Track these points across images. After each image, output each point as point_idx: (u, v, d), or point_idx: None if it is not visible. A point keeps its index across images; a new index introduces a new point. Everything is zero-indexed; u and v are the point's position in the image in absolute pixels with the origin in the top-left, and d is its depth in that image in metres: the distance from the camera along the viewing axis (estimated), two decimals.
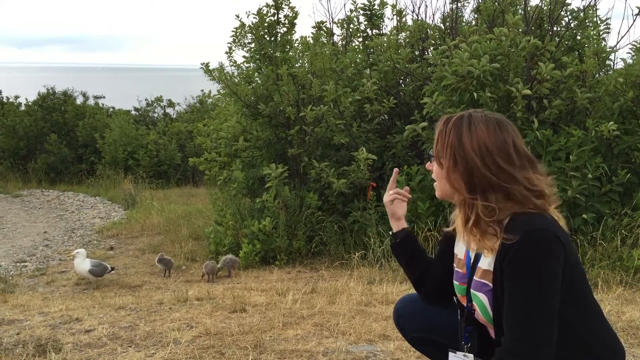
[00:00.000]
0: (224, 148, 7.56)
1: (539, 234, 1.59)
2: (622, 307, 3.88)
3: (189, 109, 19.03)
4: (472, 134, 1.71)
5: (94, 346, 3.42)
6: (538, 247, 1.58)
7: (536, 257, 1.58)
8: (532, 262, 1.58)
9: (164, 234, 8.62)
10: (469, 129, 1.72)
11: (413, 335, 2.15)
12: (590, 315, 1.71)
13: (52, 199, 12.75)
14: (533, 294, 1.58)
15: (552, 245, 1.59)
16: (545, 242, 1.59)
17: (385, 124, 7.08)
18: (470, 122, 1.74)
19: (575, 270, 1.66)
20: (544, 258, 1.58)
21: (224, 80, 7.30)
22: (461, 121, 1.75)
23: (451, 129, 1.75)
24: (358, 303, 4.19)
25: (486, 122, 1.73)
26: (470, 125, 1.73)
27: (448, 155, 1.74)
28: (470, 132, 1.72)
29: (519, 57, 5.54)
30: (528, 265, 1.59)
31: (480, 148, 1.69)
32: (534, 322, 1.57)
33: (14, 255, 7.80)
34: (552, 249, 1.59)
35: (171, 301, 4.56)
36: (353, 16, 8.00)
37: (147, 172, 14.43)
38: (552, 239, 1.59)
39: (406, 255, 2.18)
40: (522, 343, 1.58)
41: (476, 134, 1.71)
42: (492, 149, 1.69)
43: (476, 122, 1.73)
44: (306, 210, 6.36)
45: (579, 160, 5.06)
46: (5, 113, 16.22)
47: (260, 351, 3.23)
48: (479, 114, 1.77)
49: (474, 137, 1.70)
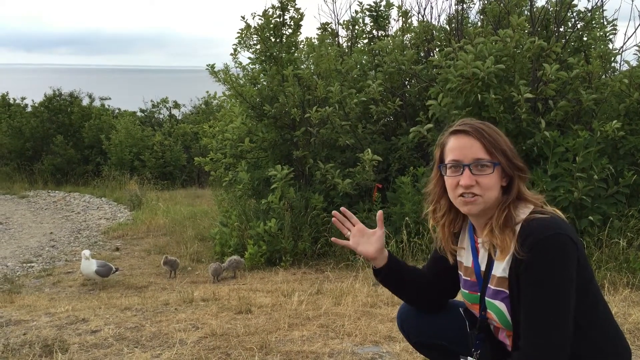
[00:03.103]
0: (230, 149, 7.57)
1: (554, 239, 1.60)
2: (629, 309, 3.86)
3: (195, 110, 19.07)
4: (503, 137, 1.78)
5: (100, 347, 3.43)
6: (555, 253, 1.59)
7: (553, 263, 1.59)
8: (549, 269, 1.59)
9: (170, 235, 8.64)
10: (499, 133, 1.79)
11: (417, 340, 2.15)
12: (597, 313, 1.70)
13: (58, 200, 12.79)
14: (550, 299, 1.59)
15: (568, 248, 1.60)
16: (561, 247, 1.60)
17: (390, 125, 7.08)
18: (491, 127, 1.79)
19: (584, 269, 1.66)
20: (560, 263, 1.59)
21: (230, 82, 7.31)
22: (486, 126, 1.78)
23: (490, 133, 1.77)
24: (364, 304, 4.19)
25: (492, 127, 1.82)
26: (496, 129, 1.79)
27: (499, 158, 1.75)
28: (502, 136, 1.78)
29: (524, 58, 5.53)
30: (545, 272, 1.60)
31: (512, 149, 1.77)
32: (551, 327, 1.58)
33: (21, 256, 7.83)
34: (568, 253, 1.60)
35: (177, 302, 4.57)
36: (358, 17, 8.01)
37: (152, 173, 14.47)
38: (567, 243, 1.60)
39: (392, 285, 2.11)
40: (540, 347, 1.59)
41: (504, 137, 1.78)
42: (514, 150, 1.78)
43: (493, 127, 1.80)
44: (311, 212, 6.36)
45: (585, 161, 5.05)
46: (12, 114, 16.29)
47: (266, 352, 3.23)
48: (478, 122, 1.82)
49: (506, 140, 1.78)
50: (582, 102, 5.29)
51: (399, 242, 5.67)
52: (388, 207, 6.09)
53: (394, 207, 6.01)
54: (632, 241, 4.91)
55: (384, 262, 2.05)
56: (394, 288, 2.10)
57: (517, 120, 5.32)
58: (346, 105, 6.63)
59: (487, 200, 1.74)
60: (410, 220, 5.66)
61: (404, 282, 2.06)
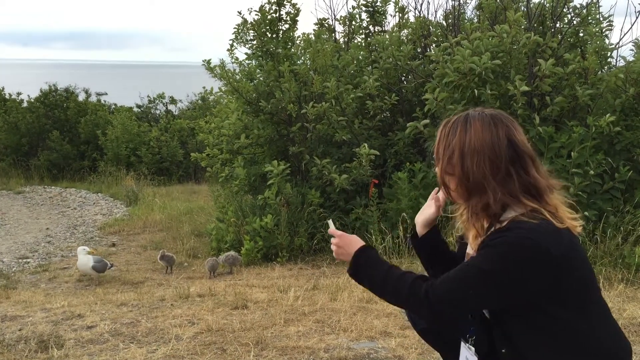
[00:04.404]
0: (226, 145, 7.56)
1: (523, 240, 1.59)
2: (624, 305, 3.88)
3: (191, 105, 19.04)
4: (468, 134, 1.72)
5: (96, 342, 3.43)
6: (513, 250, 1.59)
7: (504, 255, 1.60)
8: (496, 256, 1.61)
9: (166, 231, 8.64)
10: (465, 129, 1.73)
11: (423, 327, 2.16)
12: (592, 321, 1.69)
13: (54, 196, 12.77)
14: (472, 276, 1.64)
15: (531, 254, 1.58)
16: (523, 250, 1.59)
17: (387, 121, 7.08)
18: (466, 121, 1.74)
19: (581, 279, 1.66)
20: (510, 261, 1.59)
21: (226, 77, 7.30)
22: (457, 123, 1.76)
23: (449, 132, 1.76)
24: (359, 300, 4.20)
25: (482, 119, 1.74)
26: (466, 125, 1.74)
27: (447, 158, 1.74)
28: (467, 133, 1.72)
29: (520, 54, 5.53)
30: (490, 256, 1.62)
31: (475, 147, 1.70)
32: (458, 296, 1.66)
33: (16, 252, 7.82)
34: (527, 259, 1.59)
35: (173, 298, 4.57)
36: (355, 13, 7.99)
37: (149, 169, 14.45)
38: (534, 250, 1.58)
39: (423, 255, 2.13)
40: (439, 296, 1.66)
41: (471, 133, 1.71)
42: (486, 147, 1.69)
43: (472, 120, 1.74)
44: (308, 207, 6.36)
45: (580, 157, 5.05)
46: (8, 110, 16.24)
47: (262, 347, 3.24)
48: (476, 111, 1.78)
49: (469, 137, 1.71)
50: (578, 98, 5.30)
51: (395, 237, 5.68)
52: (384, 203, 6.10)
53: (390, 203, 6.02)
54: (627, 237, 4.92)
55: (423, 233, 2.09)
56: (424, 259, 2.14)
57: (514, 116, 5.31)
58: (343, 101, 6.62)
59: (454, 196, 1.80)
60: (407, 216, 5.67)
61: (436, 257, 2.08)
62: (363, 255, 1.88)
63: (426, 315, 1.76)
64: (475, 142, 1.69)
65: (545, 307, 1.63)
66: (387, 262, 1.84)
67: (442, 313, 1.71)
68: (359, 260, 1.87)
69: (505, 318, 1.72)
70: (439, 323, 1.99)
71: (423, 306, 1.69)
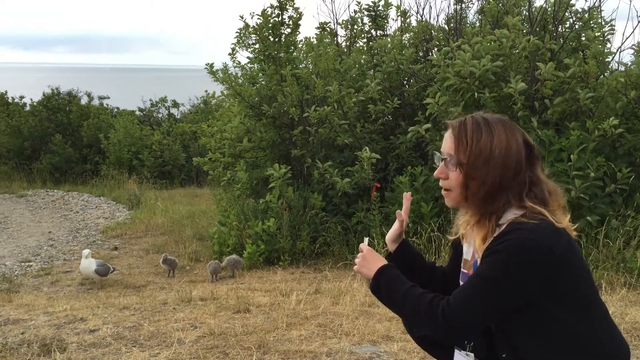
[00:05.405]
0: (228, 149, 7.58)
1: (521, 242, 1.60)
2: (626, 309, 3.88)
3: (193, 109, 19.07)
4: (494, 139, 1.70)
5: (98, 346, 3.44)
6: (514, 253, 1.60)
7: (508, 259, 1.60)
8: (500, 261, 1.61)
9: (168, 234, 8.64)
10: (491, 133, 1.71)
11: (420, 335, 2.16)
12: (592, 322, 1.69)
13: (56, 199, 12.79)
14: (487, 287, 1.62)
15: (533, 255, 1.59)
16: (524, 251, 1.59)
17: (389, 124, 7.09)
18: (488, 125, 1.72)
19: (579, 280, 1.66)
20: (514, 265, 1.60)
21: (228, 81, 7.32)
22: (479, 126, 1.72)
23: (472, 135, 1.72)
24: (362, 304, 4.20)
25: (502, 123, 1.73)
26: (489, 129, 1.72)
27: (472, 160, 1.70)
28: (493, 137, 1.70)
29: (520, 58, 5.54)
30: (495, 262, 1.62)
31: (501, 152, 1.69)
32: (475, 310, 1.64)
33: (19, 255, 7.84)
34: (530, 260, 1.59)
35: (175, 301, 4.58)
36: (357, 17, 8.02)
37: (151, 173, 14.47)
38: (536, 251, 1.59)
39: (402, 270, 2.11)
40: (452, 313, 1.64)
41: (496, 138, 1.70)
42: (512, 152, 1.70)
43: (494, 124, 1.72)
44: (310, 211, 6.37)
45: (580, 160, 5.04)
46: (10, 113, 16.28)
47: (264, 351, 3.24)
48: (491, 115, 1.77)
49: (495, 142, 1.70)
50: (580, 101, 5.30)
51: None
52: (386, 206, 6.10)
53: (392, 206, 6.02)
54: (629, 241, 4.91)
55: (394, 248, 2.10)
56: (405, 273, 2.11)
57: (514, 119, 5.32)
58: (345, 105, 6.63)
59: (455, 198, 1.77)
60: (409, 220, 5.66)
61: (412, 270, 2.06)
62: (385, 272, 1.86)
63: (444, 336, 1.76)
64: (501, 147, 1.69)
65: (546, 308, 1.64)
66: (407, 282, 1.82)
67: (460, 331, 1.68)
68: (380, 278, 1.86)
69: (505, 321, 1.72)
70: (456, 341, 1.96)
71: (439, 328, 1.67)
